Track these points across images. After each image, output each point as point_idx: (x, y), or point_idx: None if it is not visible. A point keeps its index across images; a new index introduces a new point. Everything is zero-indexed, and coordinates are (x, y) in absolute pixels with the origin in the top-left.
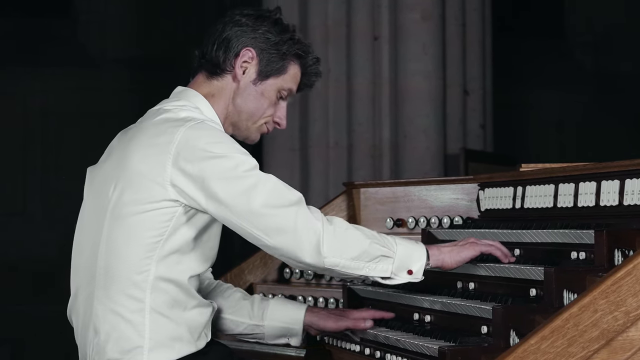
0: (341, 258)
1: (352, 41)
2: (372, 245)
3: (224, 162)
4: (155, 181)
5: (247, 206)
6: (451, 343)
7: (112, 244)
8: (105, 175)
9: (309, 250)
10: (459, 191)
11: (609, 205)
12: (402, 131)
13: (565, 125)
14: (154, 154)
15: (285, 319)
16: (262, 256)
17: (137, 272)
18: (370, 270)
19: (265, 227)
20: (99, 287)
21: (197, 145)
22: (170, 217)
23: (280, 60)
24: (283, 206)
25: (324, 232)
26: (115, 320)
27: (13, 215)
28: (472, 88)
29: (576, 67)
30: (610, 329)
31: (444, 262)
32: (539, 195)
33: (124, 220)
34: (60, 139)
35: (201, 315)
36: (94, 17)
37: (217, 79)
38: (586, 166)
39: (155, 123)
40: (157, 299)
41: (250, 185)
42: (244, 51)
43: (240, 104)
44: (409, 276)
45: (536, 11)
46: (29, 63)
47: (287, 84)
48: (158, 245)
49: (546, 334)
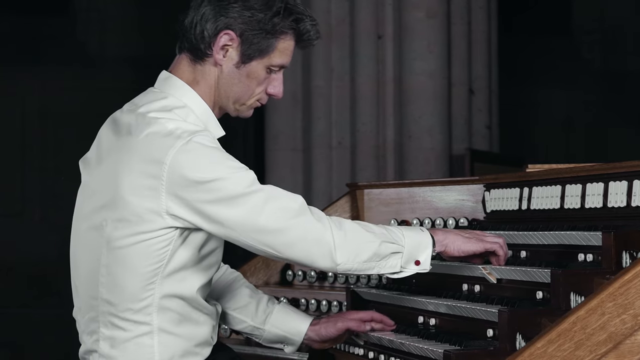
0: (354, 263)
1: (356, 39)
2: (382, 244)
3: (220, 184)
4: (152, 211)
5: (253, 227)
6: (456, 347)
7: (112, 277)
8: (96, 193)
9: (322, 260)
10: (465, 192)
11: (616, 206)
12: (407, 131)
13: (573, 125)
14: (145, 182)
15: (287, 328)
16: (265, 258)
17: (140, 300)
18: (381, 269)
19: (274, 244)
20: (103, 314)
21: (190, 171)
22: (168, 243)
23: (266, 40)
24: (288, 219)
25: (335, 240)
26: (122, 345)
27: (10, 216)
28: (478, 87)
29: (584, 66)
30: (618, 332)
31: (446, 247)
32: (545, 197)
33: (122, 253)
34: (59, 139)
35: (206, 324)
36: (93, 15)
37: (200, 63)
38: (593, 167)
39: (143, 139)
40: (163, 318)
41: (252, 205)
42: (222, 34)
43: (226, 89)
44: (416, 267)
45: (543, 8)
46: (27, 62)
47: (277, 60)
48: (159, 271)
49: (553, 338)
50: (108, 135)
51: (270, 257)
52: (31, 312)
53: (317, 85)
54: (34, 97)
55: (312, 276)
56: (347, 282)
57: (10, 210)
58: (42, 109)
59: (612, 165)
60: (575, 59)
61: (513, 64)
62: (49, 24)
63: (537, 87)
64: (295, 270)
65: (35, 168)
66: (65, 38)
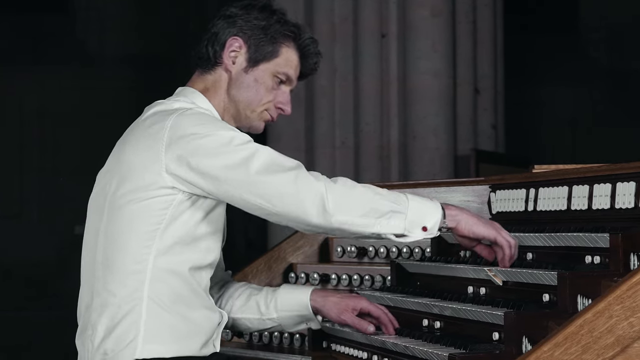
0: (348, 215)
1: (359, 38)
2: (380, 201)
3: (215, 139)
4: (151, 169)
5: (245, 176)
6: (461, 350)
7: (110, 235)
8: (106, 172)
9: (314, 210)
10: (470, 193)
11: (624, 207)
12: (411, 131)
13: (580, 124)
14: (147, 143)
15: (293, 306)
16: (267, 260)
17: (135, 262)
18: (382, 227)
19: (266, 194)
20: (98, 280)
21: (187, 129)
22: (167, 205)
23: (271, 44)
24: (281, 171)
25: (327, 190)
26: (112, 311)
27: (8, 218)
28: (483, 86)
29: (590, 65)
30: (625, 335)
31: (458, 224)
32: (552, 198)
33: (121, 211)
34: (58, 139)
35: (208, 320)
36: (93, 14)
37: (210, 73)
38: (601, 167)
39: (149, 116)
40: (156, 290)
41: (244, 156)
42: (230, 40)
43: (235, 94)
44: (423, 232)
45: (549, 7)
46: (25, 61)
47: (282, 68)
48: (156, 234)
49: (560, 341)
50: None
51: (265, 213)
52: (29, 314)
53: (320, 85)
54: (32, 96)
55: (314, 278)
56: (351, 285)
57: (8, 211)
58: (40, 108)
59: (619, 166)
60: (582, 58)
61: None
62: (48, 23)
63: (543, 86)
64: (298, 273)
65: (34, 168)
66: (64, 37)
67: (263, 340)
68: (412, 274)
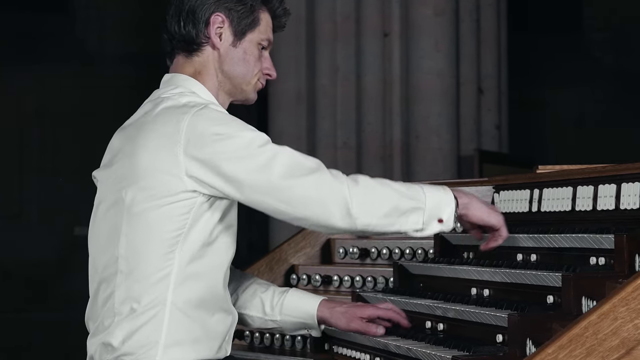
0: (373, 217)
1: (362, 37)
2: (401, 199)
3: (235, 141)
4: (170, 173)
5: (267, 181)
6: (465, 352)
7: (132, 244)
8: (117, 175)
9: (338, 214)
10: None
11: (629, 208)
12: (414, 131)
13: (584, 124)
14: (163, 146)
15: (299, 314)
16: (268, 262)
17: (159, 269)
18: (403, 225)
19: (289, 199)
20: (119, 287)
21: (206, 130)
22: (189, 209)
23: (251, 14)
24: (303, 175)
25: (351, 193)
26: (134, 318)
27: (8, 218)
28: (487, 86)
29: (595, 64)
30: (630, 337)
31: (468, 212)
32: (556, 198)
33: (141, 218)
34: (58, 139)
35: (222, 324)
36: (92, 12)
37: (197, 54)
38: (606, 168)
39: (158, 113)
40: (179, 295)
41: (266, 159)
42: (213, 17)
43: (228, 70)
44: (439, 225)
45: (553, 6)
46: (24, 60)
47: (264, 34)
48: (179, 239)
49: (564, 343)
50: (119, 137)
51: (288, 218)
52: (29, 315)
53: (322, 84)
54: (32, 95)
55: (316, 280)
56: (353, 286)
57: (8, 211)
58: (40, 108)
59: (624, 166)
60: (586, 58)
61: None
62: (48, 22)
63: (548, 86)
64: (300, 274)
65: (33, 168)
66: (64, 36)
67: (264, 342)
68: (414, 275)
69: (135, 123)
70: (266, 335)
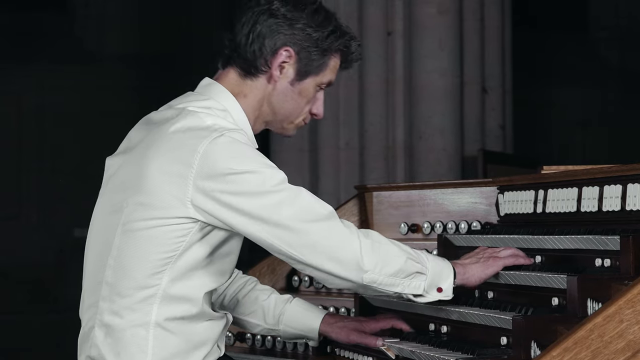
0: (380, 274)
1: (364, 36)
2: (408, 261)
3: (250, 177)
4: (176, 197)
5: (276, 222)
6: (469, 355)
7: (121, 257)
8: (122, 178)
9: (347, 266)
10: (477, 195)
11: (635, 209)
12: (417, 131)
13: (590, 124)
14: (174, 167)
15: (300, 327)
16: (270, 263)
17: (144, 287)
18: (405, 288)
19: (296, 243)
20: (104, 299)
21: (219, 162)
22: (185, 234)
23: (321, 58)
24: (315, 221)
25: (362, 247)
26: (117, 334)
27: (6, 219)
28: (491, 86)
29: (601, 63)
30: (636, 340)
31: (467, 281)
32: (561, 199)
33: (135, 235)
34: (57, 139)
35: (212, 329)
36: (92, 11)
37: (251, 78)
38: (611, 168)
39: (177, 130)
40: (164, 314)
41: (279, 200)
42: (281, 51)
43: (277, 106)
44: (439, 294)
45: (558, 4)
46: (23, 60)
47: (327, 77)
48: (170, 261)
49: (569, 346)
50: (139, 130)
51: (292, 262)
52: (27, 317)
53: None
54: (30, 95)
55: (319, 282)
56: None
57: (6, 212)
58: (38, 108)
59: (630, 167)
60: (592, 57)
61: (528, 62)
62: (46, 21)
63: (553, 85)
64: (302, 276)
65: (32, 169)
66: (63, 35)
67: (266, 345)
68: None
69: (157, 124)
70: (268, 338)
